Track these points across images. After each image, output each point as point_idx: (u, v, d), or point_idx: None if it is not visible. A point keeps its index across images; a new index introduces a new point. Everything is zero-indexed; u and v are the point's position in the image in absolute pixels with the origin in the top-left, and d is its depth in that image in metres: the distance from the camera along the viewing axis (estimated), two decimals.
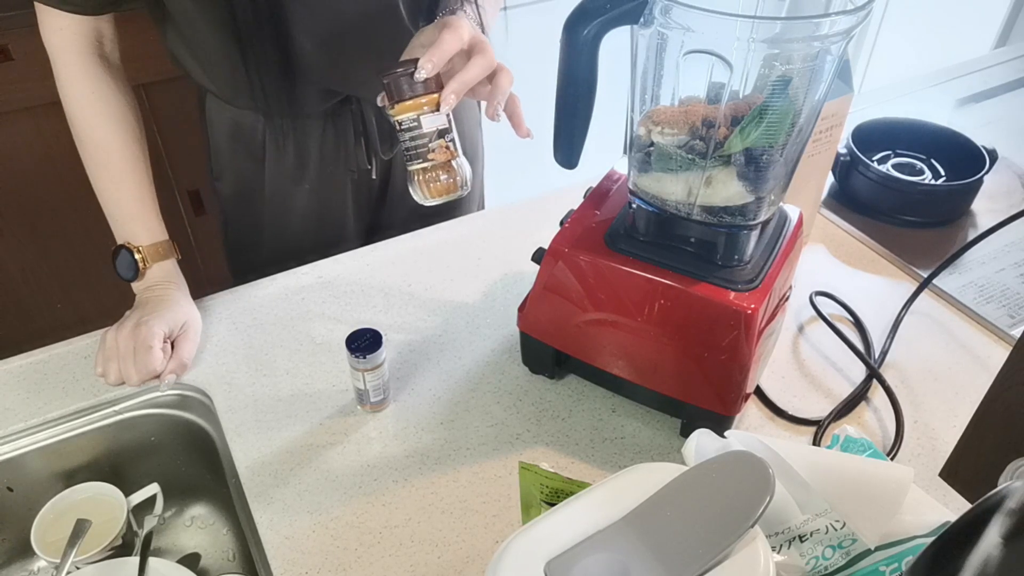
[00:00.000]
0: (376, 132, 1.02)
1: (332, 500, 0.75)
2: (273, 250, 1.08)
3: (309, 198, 1.05)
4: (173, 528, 0.92)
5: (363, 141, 1.02)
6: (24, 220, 1.63)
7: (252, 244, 1.10)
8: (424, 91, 0.72)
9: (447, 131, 0.74)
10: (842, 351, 0.89)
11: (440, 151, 0.74)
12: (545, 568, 0.51)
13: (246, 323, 0.93)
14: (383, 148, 1.04)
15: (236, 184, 1.04)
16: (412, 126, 0.73)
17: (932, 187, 1.09)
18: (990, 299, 0.95)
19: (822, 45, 0.61)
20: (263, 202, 1.04)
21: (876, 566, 0.57)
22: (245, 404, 0.84)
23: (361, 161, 1.03)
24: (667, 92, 0.67)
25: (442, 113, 0.73)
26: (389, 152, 1.05)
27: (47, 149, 1.58)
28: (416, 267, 1.00)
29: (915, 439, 0.80)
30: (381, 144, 1.03)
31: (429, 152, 0.74)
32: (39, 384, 0.86)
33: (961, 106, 1.35)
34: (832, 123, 0.92)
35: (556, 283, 0.77)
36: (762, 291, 0.70)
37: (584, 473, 0.77)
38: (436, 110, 0.73)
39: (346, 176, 1.04)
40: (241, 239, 1.11)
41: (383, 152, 1.04)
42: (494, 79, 0.76)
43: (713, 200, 0.68)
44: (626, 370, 0.78)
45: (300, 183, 1.03)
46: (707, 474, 0.54)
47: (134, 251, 0.88)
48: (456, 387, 0.86)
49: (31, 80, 1.47)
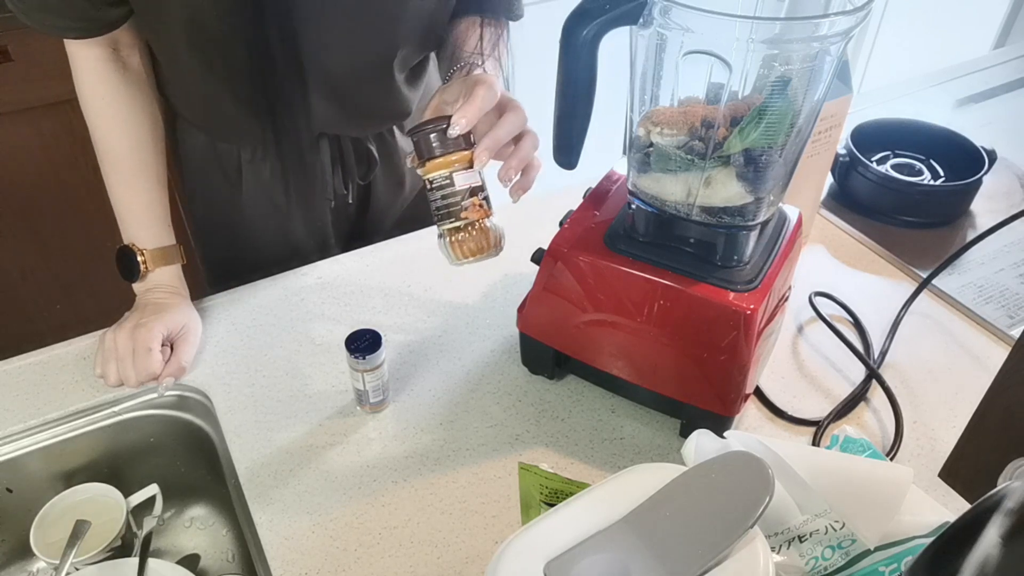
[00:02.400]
0: (353, 160, 1.01)
1: (331, 501, 0.75)
2: (250, 265, 1.05)
3: (286, 220, 1.04)
4: (172, 529, 0.92)
5: (340, 168, 1.01)
6: (24, 220, 1.63)
7: (228, 260, 1.08)
8: (455, 148, 0.69)
9: (480, 189, 0.71)
10: (841, 351, 0.89)
11: (473, 209, 0.70)
12: (545, 568, 0.51)
13: (246, 324, 0.93)
14: (360, 173, 1.03)
15: (209, 207, 1.04)
16: (444, 184, 0.69)
17: (931, 188, 1.09)
18: (989, 299, 0.95)
19: (821, 46, 0.61)
20: (238, 224, 1.03)
21: (875, 566, 0.57)
22: (244, 405, 0.84)
23: (339, 187, 1.02)
24: (666, 93, 0.67)
25: (475, 171, 0.70)
26: (366, 178, 1.04)
27: (47, 149, 1.58)
28: (416, 267, 1.00)
29: (914, 439, 0.80)
30: (358, 169, 1.02)
31: (462, 211, 0.70)
32: (39, 384, 0.86)
33: (960, 106, 1.35)
34: (831, 123, 0.92)
35: (556, 284, 0.77)
36: (761, 291, 0.70)
37: (584, 473, 0.77)
38: (469, 167, 0.70)
39: (323, 204, 1.03)
40: (215, 256, 1.10)
41: (360, 177, 1.03)
42: (519, 141, 0.75)
43: (712, 201, 0.68)
44: (626, 370, 0.78)
45: (277, 208, 1.02)
46: (707, 474, 0.54)
47: (137, 253, 0.88)
48: (455, 388, 0.86)
49: (31, 81, 1.47)
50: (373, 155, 1.02)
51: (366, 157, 1.02)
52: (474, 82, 0.73)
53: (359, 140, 1.00)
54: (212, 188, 1.01)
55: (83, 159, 1.61)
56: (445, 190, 0.70)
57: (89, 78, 0.85)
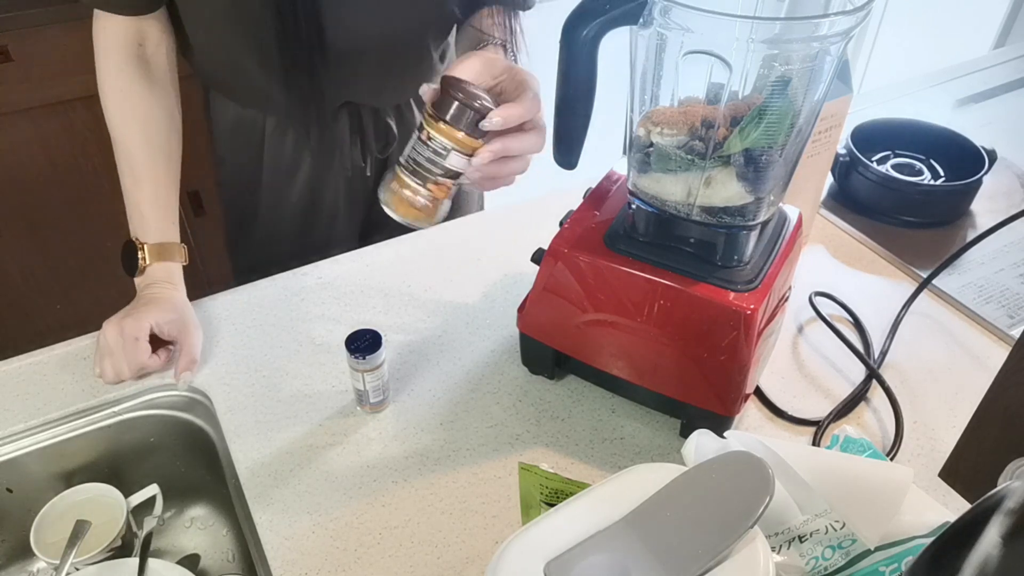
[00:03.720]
0: (372, 133, 1.03)
1: (332, 501, 0.75)
2: (269, 238, 1.10)
3: (303, 191, 1.06)
4: (173, 529, 0.92)
5: (359, 140, 1.03)
6: (24, 220, 1.63)
7: (249, 235, 1.11)
8: (475, 134, 0.69)
9: (459, 175, 0.71)
10: (842, 351, 0.89)
11: (440, 188, 0.71)
12: (545, 568, 0.51)
13: (246, 324, 0.93)
14: (378, 147, 1.05)
15: (235, 174, 1.07)
16: (438, 151, 0.69)
17: (931, 187, 1.09)
18: (989, 299, 0.95)
19: (821, 46, 0.61)
20: (259, 193, 1.06)
21: (876, 566, 0.57)
22: (245, 405, 0.84)
23: (356, 159, 1.04)
24: (666, 93, 0.67)
25: (469, 160, 0.70)
26: (384, 152, 1.06)
27: (47, 149, 1.58)
28: (416, 267, 1.00)
29: (915, 439, 0.80)
30: (376, 143, 1.04)
31: (430, 182, 0.70)
32: (39, 384, 0.86)
33: (960, 106, 1.35)
34: (831, 123, 0.92)
35: (556, 284, 0.77)
36: (761, 291, 0.70)
37: (584, 473, 0.77)
38: (469, 154, 0.70)
39: (340, 174, 1.06)
40: (239, 229, 1.12)
41: (378, 151, 1.05)
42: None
43: (712, 201, 0.68)
44: (626, 371, 0.78)
45: (295, 177, 1.05)
46: (707, 474, 0.54)
47: (139, 247, 0.88)
48: (456, 388, 0.86)
49: (31, 81, 1.47)
50: (392, 130, 1.04)
51: (385, 132, 1.04)
52: (525, 83, 0.72)
53: (379, 114, 1.02)
54: (238, 153, 1.04)
55: (83, 159, 1.61)
56: (435, 155, 0.69)
57: (111, 71, 0.87)
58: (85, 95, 1.54)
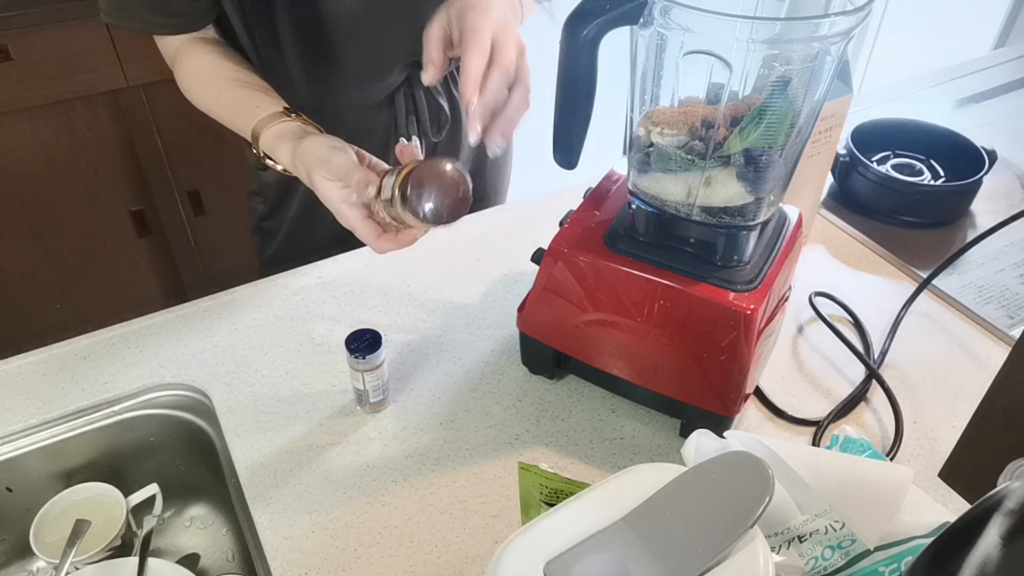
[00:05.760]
0: (427, 114, 1.04)
1: (331, 500, 0.75)
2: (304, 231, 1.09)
3: None
4: (172, 528, 0.92)
5: (415, 122, 1.03)
6: (24, 220, 1.63)
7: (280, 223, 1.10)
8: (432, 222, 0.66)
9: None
10: (841, 351, 0.89)
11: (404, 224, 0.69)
12: (545, 568, 0.51)
13: (246, 323, 0.93)
14: (432, 130, 1.05)
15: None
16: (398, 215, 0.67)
17: (931, 188, 1.09)
18: (989, 299, 0.95)
19: (821, 46, 0.61)
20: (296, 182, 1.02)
21: (875, 566, 0.57)
22: (244, 404, 0.84)
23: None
24: (667, 93, 0.67)
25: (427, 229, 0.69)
26: (438, 135, 1.07)
27: (47, 149, 1.58)
28: (416, 267, 1.00)
29: (914, 439, 0.80)
30: (431, 126, 1.05)
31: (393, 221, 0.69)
32: (39, 384, 0.86)
33: (960, 106, 1.35)
34: (831, 124, 0.92)
35: (556, 283, 0.77)
36: (761, 291, 0.70)
37: (584, 473, 0.77)
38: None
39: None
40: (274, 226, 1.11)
41: (432, 135, 1.06)
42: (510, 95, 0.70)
43: (712, 201, 0.68)
44: (626, 370, 0.78)
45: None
46: (706, 474, 0.54)
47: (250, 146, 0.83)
48: (455, 387, 0.86)
49: (31, 80, 1.47)
50: (445, 112, 1.05)
51: (438, 115, 1.05)
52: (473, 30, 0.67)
53: (432, 96, 1.03)
54: None
55: (83, 159, 1.61)
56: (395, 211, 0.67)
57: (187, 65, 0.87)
58: (85, 95, 1.54)
